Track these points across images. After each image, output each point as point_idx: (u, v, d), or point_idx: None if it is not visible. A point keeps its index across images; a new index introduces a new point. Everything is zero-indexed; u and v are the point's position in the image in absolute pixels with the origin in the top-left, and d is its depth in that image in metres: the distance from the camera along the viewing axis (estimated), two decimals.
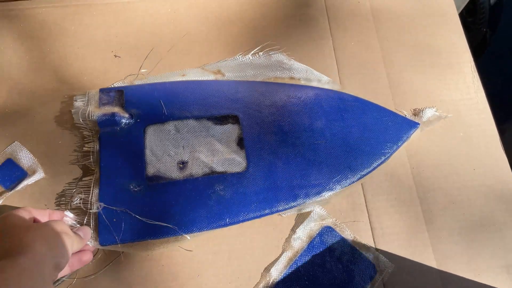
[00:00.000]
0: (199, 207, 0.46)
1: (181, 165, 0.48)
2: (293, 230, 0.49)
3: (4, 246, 0.35)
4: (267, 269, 0.47)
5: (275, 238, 0.48)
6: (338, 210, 0.50)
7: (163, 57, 0.56)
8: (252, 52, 0.56)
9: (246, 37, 0.58)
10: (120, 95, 0.51)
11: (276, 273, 0.47)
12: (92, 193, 0.46)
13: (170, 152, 0.49)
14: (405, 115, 0.54)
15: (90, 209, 0.45)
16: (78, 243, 0.41)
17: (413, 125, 0.53)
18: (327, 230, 0.48)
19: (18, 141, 0.50)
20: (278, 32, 0.59)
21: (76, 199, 0.46)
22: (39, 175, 0.49)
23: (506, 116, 0.85)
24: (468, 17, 1.00)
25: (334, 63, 0.57)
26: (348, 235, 0.48)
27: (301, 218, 0.49)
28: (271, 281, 0.46)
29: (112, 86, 0.53)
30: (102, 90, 0.51)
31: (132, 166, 0.47)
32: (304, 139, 0.50)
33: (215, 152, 0.49)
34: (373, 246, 0.48)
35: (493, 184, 0.52)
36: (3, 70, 0.54)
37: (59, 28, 0.57)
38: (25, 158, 0.50)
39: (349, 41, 0.59)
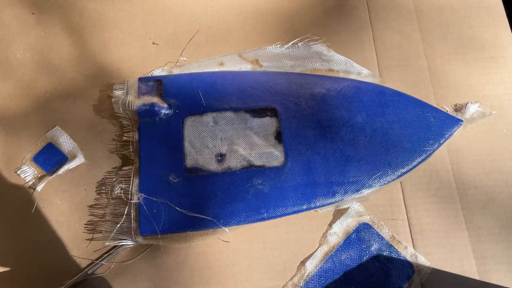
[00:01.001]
0: (237, 201, 0.46)
1: (219, 158, 0.48)
2: (330, 225, 0.48)
3: None
4: (303, 262, 0.47)
5: (311, 231, 0.48)
6: (375, 205, 0.49)
7: (201, 44, 0.55)
8: (292, 42, 0.55)
9: (283, 27, 0.57)
10: (159, 85, 0.51)
11: (311, 267, 0.47)
12: (133, 183, 0.46)
13: (209, 144, 0.48)
14: (447, 111, 0.53)
15: (131, 200, 0.46)
16: None
17: (456, 122, 0.51)
18: (364, 227, 0.48)
19: (59, 126, 0.51)
20: (316, 22, 0.57)
21: (117, 188, 0.47)
22: (79, 160, 0.50)
23: None
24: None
25: (374, 55, 0.56)
26: (386, 233, 0.48)
27: (338, 214, 0.49)
28: (306, 274, 0.46)
29: (151, 74, 0.53)
30: (141, 80, 0.51)
31: (171, 157, 0.47)
32: (343, 134, 0.49)
33: (253, 146, 0.49)
34: (411, 244, 0.48)
35: None
36: (44, 55, 0.54)
37: (98, 14, 0.57)
38: (66, 143, 0.50)
39: (390, 32, 0.57)
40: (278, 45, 0.55)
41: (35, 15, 0.56)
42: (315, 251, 0.47)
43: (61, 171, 0.49)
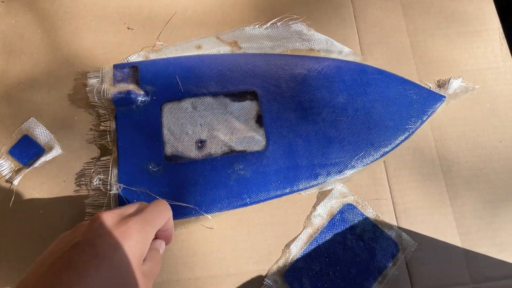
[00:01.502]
0: (219, 187, 0.45)
1: (199, 144, 0.47)
2: (314, 207, 0.48)
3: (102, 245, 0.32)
4: (288, 245, 0.47)
5: (295, 214, 0.48)
6: (359, 185, 0.49)
7: (178, 27, 0.54)
8: (270, 22, 0.54)
9: (262, 6, 0.55)
10: (135, 72, 0.49)
11: (296, 249, 0.47)
12: (111, 173, 0.46)
13: (188, 130, 0.48)
14: (430, 87, 0.52)
15: (110, 190, 0.45)
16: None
17: (438, 98, 0.51)
18: (348, 208, 0.48)
19: (34, 117, 0.50)
20: (294, 1, 0.56)
21: (95, 180, 0.46)
22: (56, 151, 0.48)
23: None
24: None
25: (355, 32, 0.55)
26: (370, 212, 0.48)
27: (322, 196, 0.48)
28: (291, 257, 0.46)
29: (126, 60, 0.51)
30: (116, 66, 0.50)
31: (150, 145, 0.46)
32: (325, 116, 0.49)
33: (233, 131, 0.48)
34: (395, 223, 0.48)
35: None
36: (15, 44, 0.53)
37: (70, 0, 0.55)
38: (42, 134, 0.49)
39: (371, 9, 0.56)
40: (257, 26, 0.54)
41: (4, 3, 0.54)
42: (299, 233, 0.47)
43: (38, 163, 0.48)
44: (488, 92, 0.53)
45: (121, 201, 0.44)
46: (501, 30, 0.56)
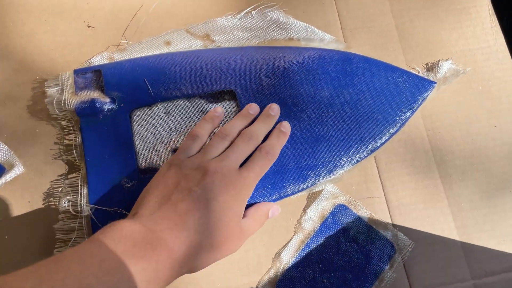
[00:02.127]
0: None
1: None
2: (304, 211, 0.45)
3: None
4: (278, 253, 0.44)
5: (284, 219, 0.45)
6: (350, 184, 0.46)
7: (144, 22, 0.49)
8: (244, 11, 0.49)
9: None
10: (98, 76, 0.45)
11: (287, 257, 0.44)
12: (81, 193, 0.41)
13: (162, 139, 0.43)
14: (419, 72, 0.49)
15: (81, 213, 0.41)
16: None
17: (428, 84, 0.47)
18: (340, 209, 0.45)
19: None
20: None
21: (64, 202, 0.42)
22: (18, 169, 0.44)
23: None
24: None
25: (336, 17, 0.51)
26: (363, 212, 0.45)
27: (312, 197, 0.45)
28: (282, 266, 0.43)
29: (89, 62, 0.47)
30: (76, 72, 0.45)
31: (122, 158, 0.42)
32: (310, 112, 0.45)
33: (212, 135, 0.44)
34: (390, 221, 0.45)
35: None
36: None
37: None
38: (0, 151, 0.45)
39: None
40: (230, 16, 0.49)
41: None
42: (290, 240, 0.44)
43: None
44: (479, 74, 0.50)
45: (94, 224, 0.40)
46: (490, 5, 0.52)
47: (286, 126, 0.44)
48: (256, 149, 0.42)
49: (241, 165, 0.40)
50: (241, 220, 0.39)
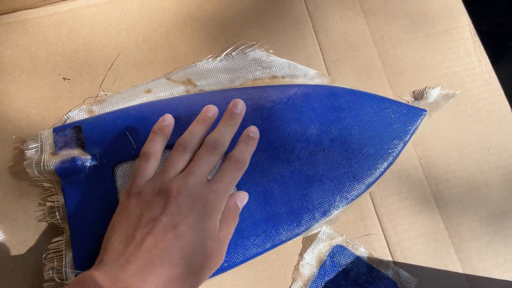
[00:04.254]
0: None
1: None
2: (301, 255, 0.43)
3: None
4: None
5: (281, 266, 0.43)
6: (346, 222, 0.44)
7: (122, 71, 0.48)
8: (225, 53, 0.48)
9: (213, 34, 0.50)
10: (78, 133, 0.43)
11: None
12: (66, 258, 0.39)
13: None
14: (407, 102, 0.48)
15: (66, 280, 0.39)
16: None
17: (419, 113, 0.46)
18: (338, 250, 0.43)
19: None
20: (249, 22, 0.50)
21: (48, 270, 0.39)
22: None
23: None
24: None
25: (318, 50, 0.50)
26: (362, 251, 0.43)
27: (308, 241, 0.44)
28: None
29: (67, 116, 0.45)
30: (56, 130, 0.43)
31: (107, 218, 0.40)
32: (298, 152, 0.43)
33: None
34: (390, 258, 0.44)
35: (510, 163, 0.47)
36: None
37: None
38: None
39: (331, 21, 0.51)
40: (210, 59, 0.48)
41: None
42: None
43: None
44: (467, 97, 0.49)
45: None
46: (471, 26, 0.52)
47: (254, 131, 0.40)
48: (224, 158, 0.39)
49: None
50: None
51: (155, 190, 0.35)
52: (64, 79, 0.47)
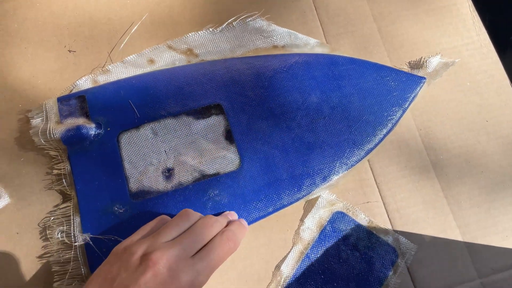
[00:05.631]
0: None
1: (167, 174, 0.42)
2: (301, 220, 0.44)
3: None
4: (278, 266, 0.43)
5: (281, 231, 0.44)
6: (345, 190, 0.45)
7: (125, 44, 0.48)
8: (226, 23, 0.49)
9: (215, 9, 0.50)
10: (82, 102, 0.44)
11: (288, 270, 0.43)
12: (74, 223, 0.40)
13: (152, 160, 0.43)
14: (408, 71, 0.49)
15: (75, 243, 0.39)
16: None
17: (418, 80, 0.47)
18: (338, 216, 0.44)
19: None
20: None
21: (57, 233, 0.40)
22: (4, 200, 0.43)
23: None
24: None
25: (318, 25, 0.51)
26: (362, 218, 0.44)
27: (308, 206, 0.44)
28: (283, 279, 0.42)
29: (73, 86, 0.46)
30: (60, 100, 0.44)
31: (112, 184, 0.41)
32: (300, 120, 0.44)
33: (202, 152, 0.43)
34: (390, 225, 0.44)
35: (509, 134, 0.48)
36: None
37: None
38: None
39: None
40: (211, 29, 0.49)
41: None
42: (289, 252, 0.43)
43: None
44: (466, 70, 0.50)
45: (89, 253, 0.39)
46: (470, 2, 0.52)
47: (245, 223, 0.40)
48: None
49: None
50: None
51: (140, 251, 0.33)
52: (69, 51, 0.48)
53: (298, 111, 0.45)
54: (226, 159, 0.43)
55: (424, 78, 0.47)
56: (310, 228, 0.44)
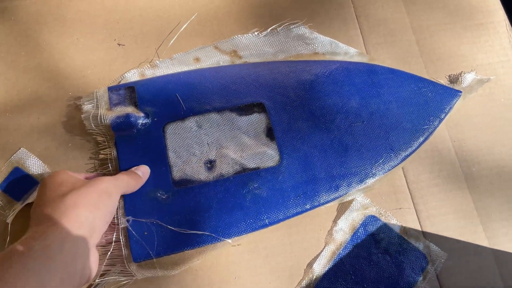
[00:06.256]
0: (234, 210, 0.42)
1: (208, 165, 0.44)
2: (335, 221, 0.45)
3: (46, 211, 0.34)
4: (310, 264, 0.44)
5: (314, 230, 0.45)
6: (379, 194, 0.46)
7: (172, 41, 0.50)
8: (270, 28, 0.51)
9: (259, 13, 0.52)
10: (132, 92, 0.46)
11: (319, 268, 0.43)
12: (118, 205, 0.42)
13: (195, 151, 0.44)
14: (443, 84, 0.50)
15: (118, 224, 0.41)
16: (134, 185, 0.41)
17: (454, 93, 0.48)
18: (371, 220, 0.45)
19: (24, 148, 0.46)
20: (294, 4, 0.53)
21: None
22: None
23: None
24: None
25: (359, 33, 0.52)
26: (394, 223, 0.45)
27: (342, 208, 0.45)
28: (314, 277, 0.43)
29: (121, 78, 0.48)
30: (111, 89, 0.46)
31: (156, 171, 0.43)
32: (339, 122, 0.46)
33: (243, 147, 0.44)
34: (420, 231, 0.45)
35: None
36: None
37: (54, 18, 0.51)
38: (34, 165, 0.45)
39: (372, 8, 0.53)
40: (256, 33, 0.51)
41: None
42: (321, 251, 0.44)
43: (33, 197, 0.43)
44: (500, 87, 0.51)
45: (130, 235, 0.41)
46: (507, 21, 0.54)
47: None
48: None
49: None
50: None
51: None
52: (119, 44, 0.50)
53: (337, 114, 0.46)
54: (267, 155, 0.44)
55: (460, 92, 0.48)
56: (343, 230, 0.45)
